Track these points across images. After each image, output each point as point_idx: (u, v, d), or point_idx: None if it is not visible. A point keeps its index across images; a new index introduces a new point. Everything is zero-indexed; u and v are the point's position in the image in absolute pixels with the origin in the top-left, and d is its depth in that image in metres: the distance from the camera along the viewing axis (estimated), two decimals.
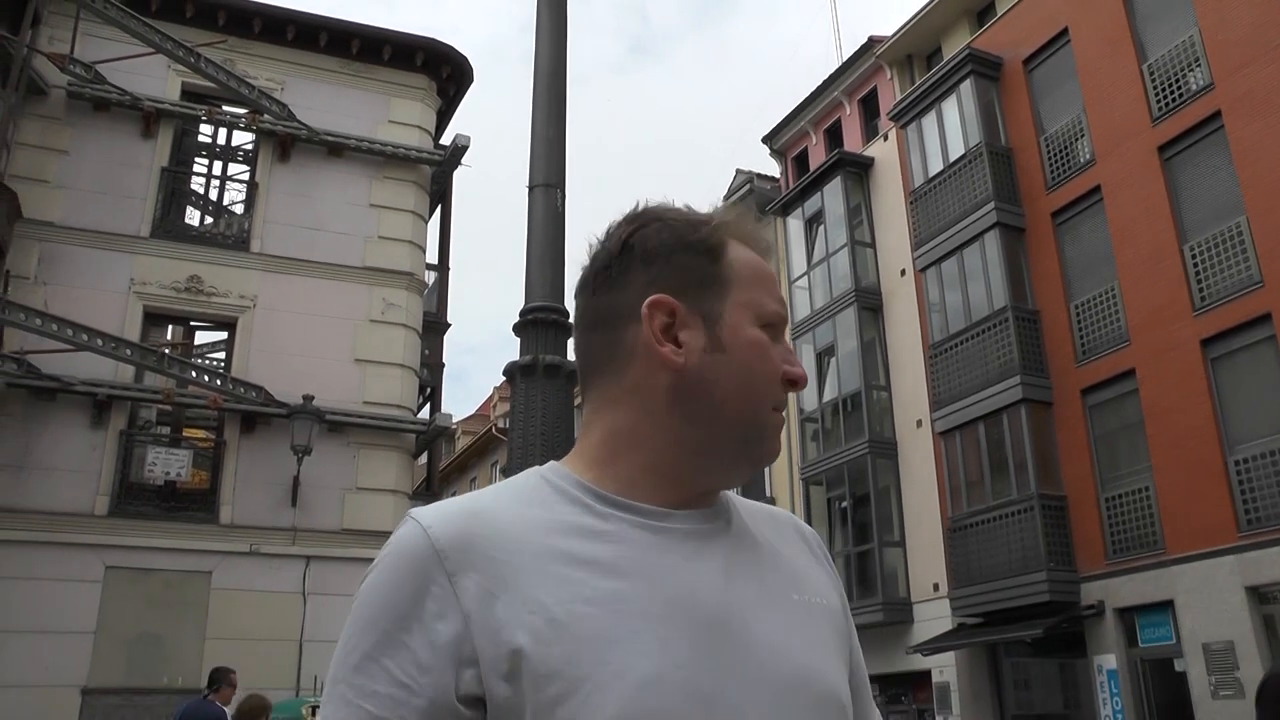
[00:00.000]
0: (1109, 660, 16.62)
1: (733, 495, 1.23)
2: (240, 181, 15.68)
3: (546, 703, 0.97)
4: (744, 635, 1.06)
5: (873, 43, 24.36)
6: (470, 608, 1.01)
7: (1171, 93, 17.01)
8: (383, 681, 1.00)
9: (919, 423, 21.12)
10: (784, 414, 1.17)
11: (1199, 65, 16.59)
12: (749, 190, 27.17)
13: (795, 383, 1.15)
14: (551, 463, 1.17)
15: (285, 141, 15.15)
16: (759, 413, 1.13)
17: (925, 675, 20.03)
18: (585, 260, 1.22)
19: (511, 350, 4.29)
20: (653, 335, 1.13)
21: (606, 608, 1.01)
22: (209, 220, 15.60)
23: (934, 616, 19.88)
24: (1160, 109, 17.15)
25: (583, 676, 0.98)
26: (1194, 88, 16.65)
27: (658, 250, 1.16)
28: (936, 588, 19.97)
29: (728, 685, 1.02)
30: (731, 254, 1.17)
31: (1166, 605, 15.85)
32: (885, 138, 23.56)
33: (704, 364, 1.12)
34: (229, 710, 8.49)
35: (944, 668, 19.49)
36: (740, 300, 1.15)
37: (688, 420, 1.12)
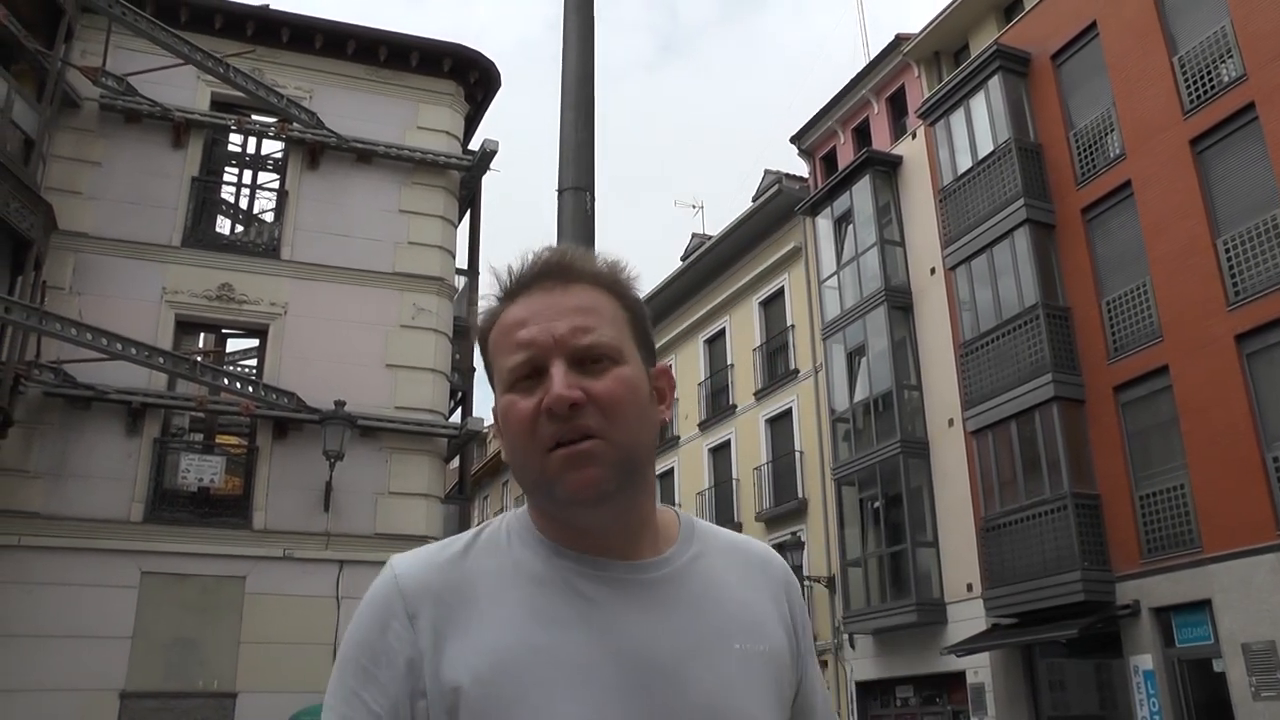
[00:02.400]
0: (1145, 661, 16.44)
1: (700, 526, 1.31)
2: (270, 190, 15.81)
3: None
4: (678, 687, 1.13)
5: (900, 40, 24.24)
6: (424, 646, 1.14)
7: (1203, 85, 16.82)
8: (360, 713, 1.14)
9: (950, 422, 21.00)
10: (578, 444, 1.13)
11: (1231, 57, 16.40)
12: (777, 190, 27.11)
13: (551, 409, 1.12)
14: (518, 510, 1.27)
15: (314, 149, 15.25)
16: (531, 466, 1.15)
17: (960, 676, 19.90)
18: None
19: None
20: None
21: (548, 656, 1.11)
22: (239, 229, 15.73)
23: (968, 617, 19.74)
24: (1192, 102, 16.96)
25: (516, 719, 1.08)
26: (1226, 80, 16.45)
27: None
28: (970, 588, 19.84)
29: None
30: (493, 338, 1.22)
31: (1204, 605, 15.66)
32: (914, 136, 23.44)
33: (503, 451, 1.22)
34: None
35: (979, 669, 19.35)
36: (498, 381, 1.21)
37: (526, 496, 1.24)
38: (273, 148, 15.91)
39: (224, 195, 15.85)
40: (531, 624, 1.13)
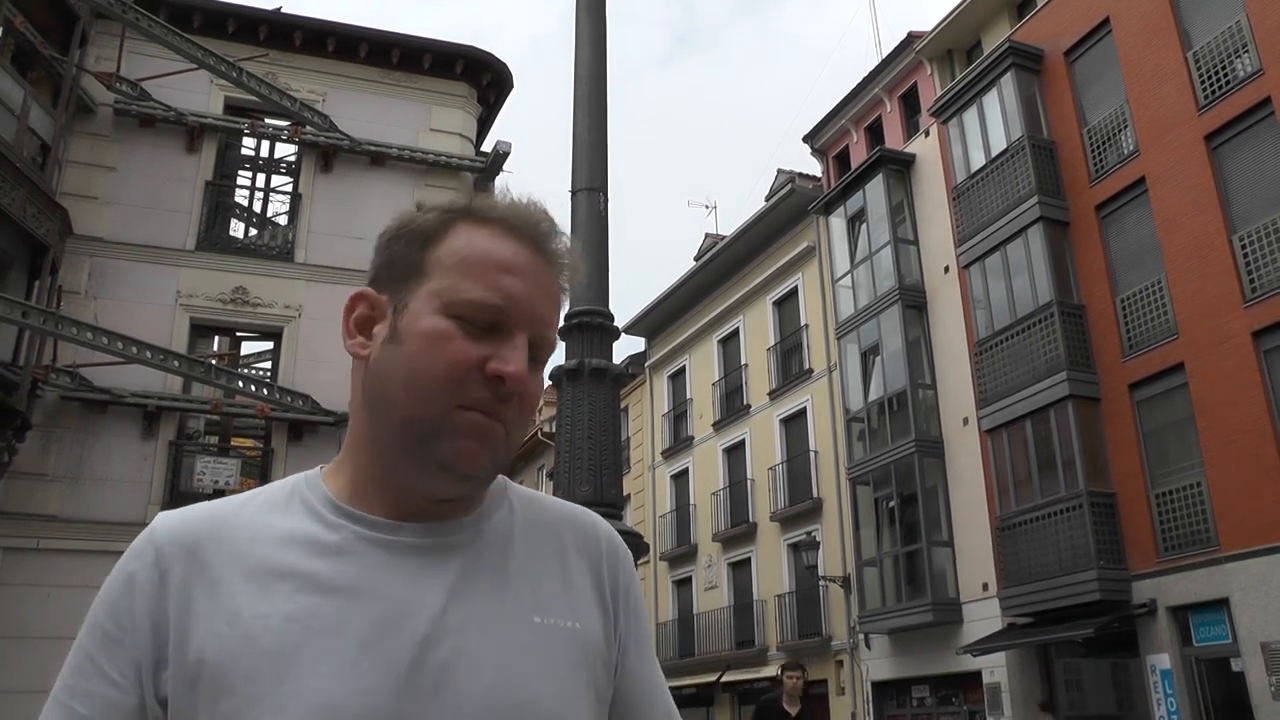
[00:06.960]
0: (1163, 660, 16.35)
1: (516, 492, 1.19)
2: (284, 193, 15.86)
3: (218, 718, 0.95)
4: (453, 660, 1.00)
5: (912, 38, 24.19)
6: (172, 610, 1.00)
7: (1218, 80, 16.72)
8: (97, 681, 1.00)
9: (965, 421, 20.93)
10: (498, 419, 1.04)
11: (1247, 51, 16.30)
12: (790, 190, 27.08)
13: (502, 380, 1.02)
14: (317, 467, 1.14)
15: (328, 152, 15.30)
16: (431, 408, 1.02)
17: (976, 676, 19.83)
18: None
19: (557, 354, 4.31)
20: (345, 326, 1.10)
21: (303, 624, 0.98)
22: (253, 232, 15.80)
23: (983, 617, 19.67)
24: (1206, 97, 16.87)
25: (258, 695, 0.94)
26: (1242, 74, 16.36)
27: (381, 241, 1.12)
28: (986, 587, 19.77)
29: (419, 712, 0.97)
30: (450, 242, 1.07)
31: (1222, 604, 15.57)
32: (926, 134, 23.38)
33: (381, 356, 1.06)
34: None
35: (994, 668, 19.28)
36: (433, 288, 1.05)
37: (372, 417, 1.08)
38: (286, 151, 15.97)
39: (238, 199, 15.91)
40: (294, 589, 0.99)
